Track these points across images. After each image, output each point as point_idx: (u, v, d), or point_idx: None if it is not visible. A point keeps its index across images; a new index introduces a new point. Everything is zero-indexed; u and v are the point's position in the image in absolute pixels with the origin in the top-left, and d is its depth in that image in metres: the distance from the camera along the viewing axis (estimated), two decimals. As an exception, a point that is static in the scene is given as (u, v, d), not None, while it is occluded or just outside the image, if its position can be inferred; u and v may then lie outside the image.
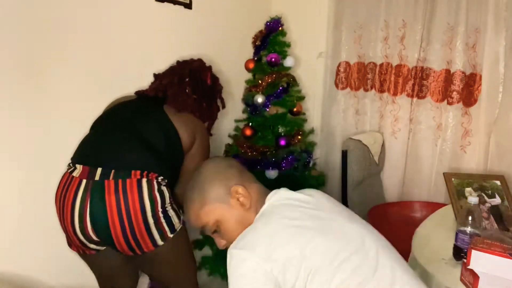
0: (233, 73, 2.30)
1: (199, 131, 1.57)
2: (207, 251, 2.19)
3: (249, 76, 2.23)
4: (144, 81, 1.80)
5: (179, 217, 1.43)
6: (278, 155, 2.08)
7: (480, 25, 1.96)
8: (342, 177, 2.00)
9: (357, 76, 2.39)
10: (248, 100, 2.16)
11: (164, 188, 1.37)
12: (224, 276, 2.13)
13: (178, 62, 1.72)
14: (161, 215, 1.34)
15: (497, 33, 1.92)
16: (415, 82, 2.18)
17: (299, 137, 2.16)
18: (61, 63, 1.54)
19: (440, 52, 2.10)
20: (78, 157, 1.40)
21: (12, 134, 1.44)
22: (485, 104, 1.98)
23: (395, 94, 2.25)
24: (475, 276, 1.03)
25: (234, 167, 1.15)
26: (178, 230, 1.40)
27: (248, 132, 2.09)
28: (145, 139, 1.40)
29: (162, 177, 1.37)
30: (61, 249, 1.63)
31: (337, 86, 2.46)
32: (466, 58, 2.02)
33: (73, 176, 1.34)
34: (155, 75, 1.68)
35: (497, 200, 1.56)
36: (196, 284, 1.60)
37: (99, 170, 1.31)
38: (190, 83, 1.59)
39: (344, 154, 1.94)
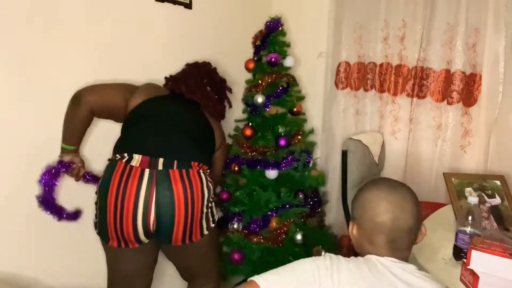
0: (233, 73, 2.30)
1: (223, 136, 1.76)
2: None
3: (249, 76, 2.23)
4: (144, 81, 1.80)
5: (215, 209, 1.55)
6: (278, 155, 2.08)
7: (480, 25, 1.96)
8: (342, 177, 1.99)
9: (357, 76, 2.39)
10: (248, 100, 2.16)
11: (210, 180, 1.47)
12: (224, 276, 2.14)
13: (189, 65, 1.81)
14: (210, 205, 1.45)
15: (497, 33, 1.91)
16: (415, 82, 2.18)
17: (299, 137, 2.16)
18: (61, 63, 1.54)
19: (440, 52, 2.10)
20: (135, 147, 1.38)
21: (12, 134, 1.44)
22: (485, 104, 1.98)
23: (395, 94, 2.25)
24: (475, 276, 1.03)
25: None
26: (216, 219, 1.52)
27: (248, 132, 2.09)
28: (197, 139, 1.52)
29: (208, 169, 1.50)
30: (61, 249, 1.64)
31: (337, 86, 2.46)
32: (466, 58, 2.02)
33: (132, 166, 1.32)
34: (170, 77, 1.73)
35: (497, 200, 1.56)
36: (219, 275, 1.69)
37: (161, 160, 1.33)
38: (209, 85, 1.72)
39: (344, 154, 1.94)
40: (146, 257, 1.49)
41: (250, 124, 2.14)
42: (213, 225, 1.49)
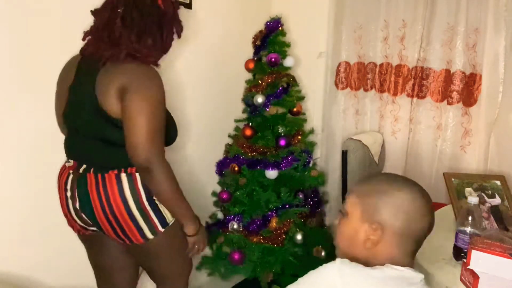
0: (233, 73, 2.30)
1: (128, 76, 1.21)
2: (207, 251, 2.19)
3: (249, 76, 2.23)
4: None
5: None
6: (278, 155, 2.08)
7: (480, 25, 1.96)
8: (342, 177, 2.00)
9: (357, 76, 2.39)
10: (248, 100, 2.16)
11: None
12: (223, 276, 2.14)
13: None
14: (148, 207, 1.29)
15: (497, 33, 1.91)
16: (415, 82, 2.18)
17: (299, 137, 2.16)
18: (61, 63, 1.54)
19: (440, 52, 2.10)
20: (67, 153, 1.39)
21: (11, 134, 1.44)
22: (485, 104, 1.98)
23: (395, 94, 2.25)
24: (475, 276, 1.03)
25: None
26: (170, 224, 1.35)
27: (248, 132, 2.09)
28: (98, 136, 1.27)
29: None
30: (61, 249, 1.64)
31: (337, 86, 2.46)
32: (466, 58, 2.02)
33: (65, 166, 1.37)
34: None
35: (497, 200, 1.56)
36: (187, 284, 1.56)
37: (84, 166, 1.31)
38: (124, 13, 1.24)
39: (344, 154, 1.94)
40: (111, 248, 1.47)
41: (250, 124, 2.14)
42: (162, 229, 1.32)
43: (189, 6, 2.02)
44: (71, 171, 1.32)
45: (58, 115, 1.40)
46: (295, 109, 2.15)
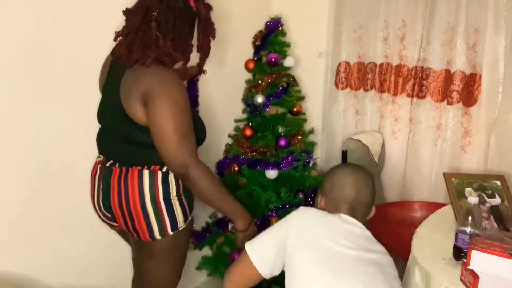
0: (233, 73, 2.30)
1: (152, 84, 1.20)
2: (207, 251, 2.19)
3: (249, 76, 2.23)
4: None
5: (185, 216, 1.37)
6: (278, 155, 2.08)
7: (480, 25, 1.96)
8: (342, 177, 1.99)
9: (357, 76, 2.39)
10: (248, 100, 2.16)
11: (172, 178, 1.32)
12: (223, 276, 2.13)
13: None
14: (163, 206, 1.31)
15: (497, 33, 1.91)
16: (415, 82, 2.18)
17: (299, 137, 2.16)
18: (61, 63, 1.54)
19: (440, 52, 2.09)
20: (98, 148, 1.47)
21: (11, 134, 1.45)
22: (485, 104, 1.97)
23: (395, 94, 2.24)
24: (475, 276, 1.03)
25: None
26: (180, 229, 1.36)
27: (248, 132, 2.09)
28: (122, 134, 1.32)
29: (167, 167, 1.30)
30: (61, 249, 1.64)
31: (337, 86, 2.46)
32: (466, 58, 2.02)
33: (96, 161, 1.46)
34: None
35: (497, 200, 1.56)
36: None
37: (111, 160, 1.38)
38: (158, 16, 1.24)
39: (344, 154, 1.94)
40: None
41: (250, 124, 2.14)
42: (171, 232, 1.33)
43: (189, 6, 2.01)
44: (100, 165, 1.41)
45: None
46: (295, 109, 2.15)
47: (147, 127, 1.23)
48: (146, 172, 1.30)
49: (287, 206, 2.05)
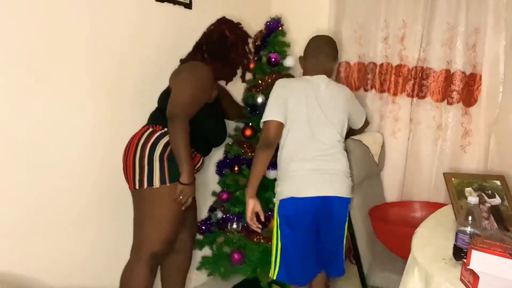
0: (233, 73, 2.30)
1: (181, 69, 1.75)
2: (207, 251, 2.19)
3: (249, 76, 2.23)
4: (144, 81, 1.80)
5: (163, 177, 1.60)
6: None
7: (480, 25, 1.96)
8: (342, 177, 1.99)
9: (357, 76, 2.39)
10: (248, 100, 2.16)
11: (163, 142, 1.62)
12: (223, 276, 2.14)
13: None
14: (146, 160, 1.61)
15: (497, 33, 1.92)
16: (415, 82, 2.18)
17: (299, 137, 2.15)
18: (61, 63, 1.54)
19: (440, 52, 2.10)
20: None
21: (11, 134, 1.45)
22: (485, 104, 1.98)
23: (395, 94, 2.24)
24: (475, 276, 1.03)
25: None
26: (155, 187, 1.60)
27: (248, 132, 2.09)
28: (159, 104, 1.75)
29: (166, 131, 1.63)
30: (61, 249, 1.64)
31: (337, 86, 2.46)
32: (466, 58, 2.02)
33: None
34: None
35: (497, 200, 1.55)
36: (149, 257, 1.64)
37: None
38: (207, 50, 1.80)
39: (344, 154, 1.93)
40: None
41: (250, 124, 2.13)
42: (146, 187, 1.60)
43: (189, 6, 2.02)
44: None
45: None
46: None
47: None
48: (147, 131, 1.66)
49: (287, 206, 2.04)
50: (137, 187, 1.62)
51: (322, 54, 1.82)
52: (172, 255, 1.85)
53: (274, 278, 1.74)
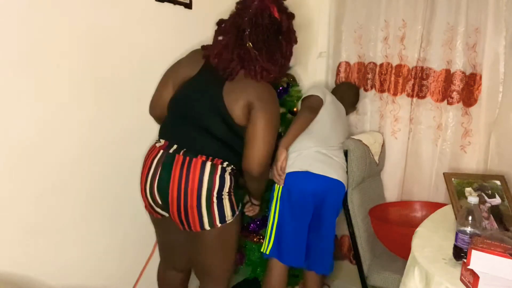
0: (233, 73, 2.29)
1: (256, 95, 1.43)
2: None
3: (249, 76, 2.23)
4: (144, 81, 1.80)
5: (233, 210, 1.50)
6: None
7: (480, 25, 1.96)
8: (342, 177, 1.99)
9: (357, 76, 2.39)
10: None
11: (227, 176, 1.46)
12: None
13: (234, 12, 1.54)
14: (215, 200, 1.43)
15: (497, 33, 1.91)
16: (415, 82, 2.18)
17: (299, 137, 2.15)
18: (61, 63, 1.54)
19: (440, 52, 2.10)
20: (162, 133, 1.56)
21: (10, 133, 1.44)
22: (485, 104, 1.98)
23: (395, 94, 2.25)
24: (475, 276, 1.03)
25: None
26: (228, 221, 1.48)
27: (248, 132, 2.09)
28: (206, 126, 1.46)
29: (228, 163, 1.46)
30: (61, 249, 1.64)
31: (337, 86, 2.46)
32: (466, 58, 2.02)
33: (155, 146, 1.52)
34: (207, 45, 1.59)
35: (497, 200, 1.56)
36: (228, 283, 1.65)
37: (175, 146, 1.46)
38: (251, 38, 1.43)
39: (345, 154, 1.94)
40: (175, 232, 1.58)
41: (250, 124, 2.13)
42: (219, 224, 1.46)
43: (189, 6, 2.02)
44: (161, 150, 1.48)
45: (160, 97, 1.59)
46: (295, 109, 2.15)
47: (237, 129, 1.45)
48: (208, 164, 1.42)
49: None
50: (207, 227, 1.46)
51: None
52: (176, 273, 1.76)
53: (267, 253, 1.82)
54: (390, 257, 1.94)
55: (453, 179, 1.61)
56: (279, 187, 1.80)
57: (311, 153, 1.83)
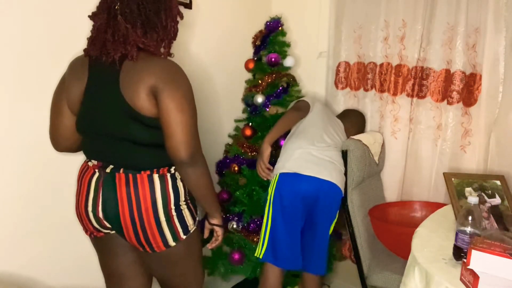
0: (233, 73, 2.30)
1: (154, 77, 1.19)
2: (207, 251, 2.19)
3: (249, 76, 2.23)
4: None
5: (194, 218, 1.37)
6: (278, 155, 2.07)
7: (480, 25, 1.96)
8: (342, 177, 1.99)
9: (357, 76, 2.39)
10: (248, 100, 2.17)
11: (180, 184, 1.31)
12: (223, 276, 2.14)
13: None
14: (174, 213, 1.30)
15: (497, 33, 1.91)
16: (415, 82, 2.18)
17: (299, 137, 2.15)
18: (61, 63, 1.54)
19: (440, 52, 2.09)
20: (89, 154, 1.35)
21: (10, 134, 1.45)
22: (485, 104, 1.97)
23: (395, 94, 2.24)
24: (475, 276, 1.03)
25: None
26: (191, 231, 1.35)
27: (248, 132, 2.09)
28: (125, 136, 1.25)
29: (173, 167, 1.29)
30: (61, 249, 1.64)
31: (337, 86, 2.46)
32: (466, 58, 2.02)
33: (88, 165, 1.33)
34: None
35: (497, 200, 1.56)
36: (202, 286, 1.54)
37: (110, 166, 1.28)
38: (122, 11, 1.20)
39: (344, 154, 1.94)
40: (123, 254, 1.42)
41: (250, 124, 2.14)
42: (184, 236, 1.32)
43: (189, 6, 2.02)
44: (96, 170, 1.29)
45: (59, 127, 1.33)
46: (293, 110, 2.15)
47: (154, 123, 1.22)
48: (156, 177, 1.27)
49: (287, 206, 2.05)
50: (172, 243, 1.31)
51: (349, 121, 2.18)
52: None
53: (261, 257, 1.80)
54: (390, 257, 1.94)
55: (453, 179, 1.61)
56: (272, 190, 1.78)
57: (302, 154, 1.82)
